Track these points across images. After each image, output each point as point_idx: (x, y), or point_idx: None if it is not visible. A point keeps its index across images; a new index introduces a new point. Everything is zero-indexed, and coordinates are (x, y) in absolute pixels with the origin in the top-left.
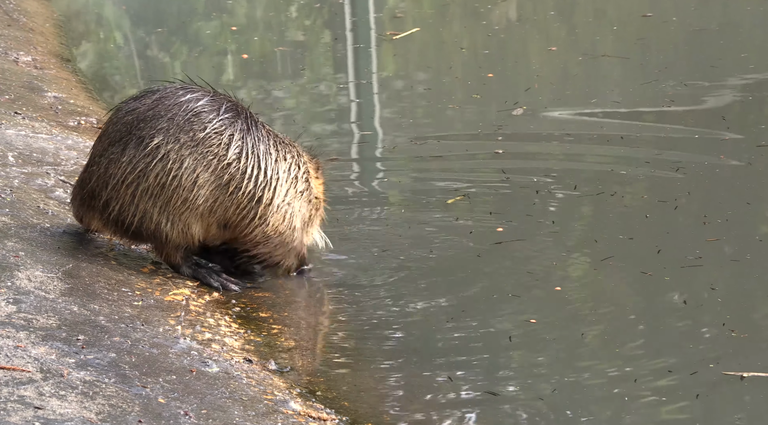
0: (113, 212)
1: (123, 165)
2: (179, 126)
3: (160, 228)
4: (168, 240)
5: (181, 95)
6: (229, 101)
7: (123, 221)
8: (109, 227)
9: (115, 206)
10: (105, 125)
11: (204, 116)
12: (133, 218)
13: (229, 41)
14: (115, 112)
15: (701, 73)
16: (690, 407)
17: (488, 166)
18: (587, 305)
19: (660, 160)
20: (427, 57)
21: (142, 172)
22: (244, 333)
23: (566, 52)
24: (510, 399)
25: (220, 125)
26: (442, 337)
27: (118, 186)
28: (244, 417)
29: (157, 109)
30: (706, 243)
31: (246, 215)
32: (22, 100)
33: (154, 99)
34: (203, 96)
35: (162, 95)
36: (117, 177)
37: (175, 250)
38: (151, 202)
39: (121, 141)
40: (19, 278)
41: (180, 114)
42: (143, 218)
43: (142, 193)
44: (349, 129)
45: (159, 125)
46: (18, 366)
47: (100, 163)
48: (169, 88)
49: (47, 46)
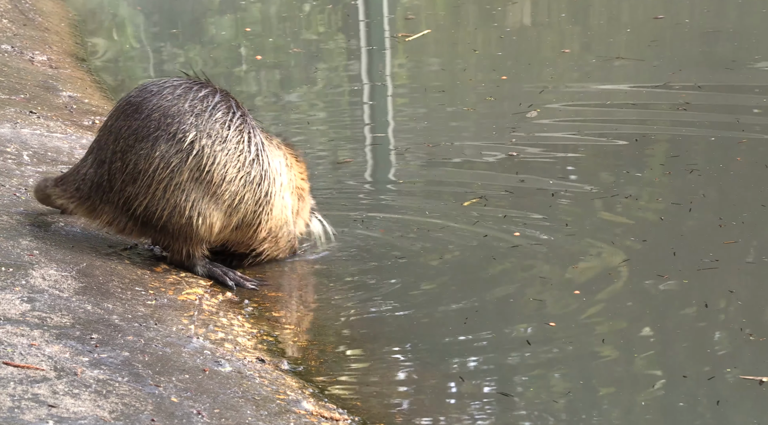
0: (139, 207)
1: (156, 161)
2: (206, 122)
3: (191, 223)
4: (195, 236)
5: (197, 90)
6: (230, 96)
7: (149, 216)
8: (121, 220)
9: (143, 200)
10: (117, 120)
11: (224, 112)
12: (162, 212)
13: (243, 42)
14: (125, 106)
15: (715, 75)
16: (707, 412)
17: (503, 168)
18: (605, 309)
19: (674, 162)
20: (441, 59)
21: (176, 167)
22: (257, 332)
23: (580, 54)
24: (523, 401)
25: (240, 122)
26: (456, 339)
27: (148, 181)
28: (257, 416)
29: (180, 105)
30: (723, 246)
31: (258, 212)
32: (37, 100)
33: (176, 95)
34: (214, 92)
35: (180, 92)
36: (148, 173)
37: (197, 247)
38: (183, 197)
39: (150, 137)
40: (34, 277)
41: (205, 110)
42: (172, 213)
43: (174, 188)
44: (362, 131)
45: (187, 120)
46: (32, 365)
47: (126, 159)
48: (176, 82)
49: (62, 45)
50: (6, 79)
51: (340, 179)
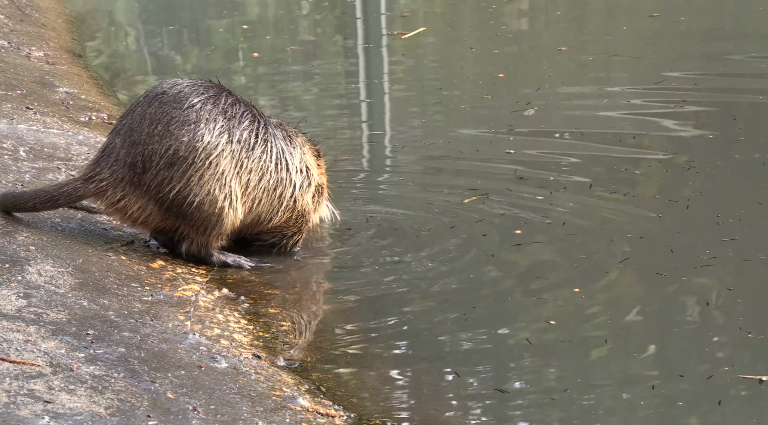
0: (171, 191)
1: (198, 150)
2: (236, 128)
3: (222, 213)
4: (219, 227)
5: (227, 96)
6: (252, 106)
7: (179, 202)
8: (147, 206)
9: (176, 185)
10: (149, 106)
11: (250, 121)
12: (194, 198)
13: (240, 39)
14: (160, 96)
15: (712, 72)
16: (706, 411)
17: (501, 166)
18: (604, 307)
19: (672, 159)
20: (437, 57)
21: (215, 160)
22: (253, 329)
23: (576, 52)
24: (519, 398)
25: (264, 132)
26: (453, 336)
27: (186, 168)
28: (253, 412)
29: (215, 106)
30: (721, 243)
31: (273, 212)
32: (33, 96)
33: (210, 95)
34: (239, 101)
35: (212, 94)
36: (188, 160)
37: (218, 237)
38: (218, 187)
39: (191, 125)
40: (30, 273)
41: (234, 116)
42: (203, 201)
43: (210, 178)
44: (359, 129)
45: (220, 121)
46: (28, 360)
47: (164, 143)
48: (206, 84)
49: (59, 41)
50: (2, 74)
51: (337, 177)
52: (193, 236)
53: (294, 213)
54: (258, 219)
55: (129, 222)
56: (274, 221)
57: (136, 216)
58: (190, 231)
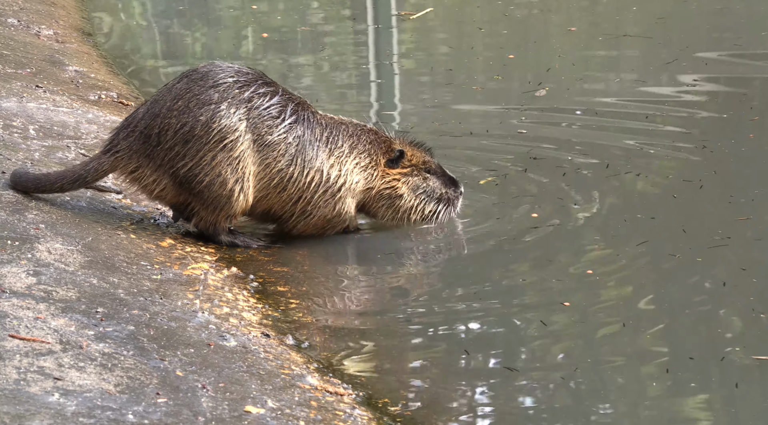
0: (183, 168)
1: (213, 132)
2: (257, 118)
3: (233, 196)
4: (229, 208)
5: (260, 85)
6: (291, 98)
7: (190, 179)
8: (162, 179)
9: (188, 162)
10: (179, 81)
11: (275, 115)
12: (204, 177)
13: (250, 20)
14: (192, 72)
15: (723, 51)
16: (718, 391)
17: (514, 147)
18: (617, 288)
19: (685, 139)
20: (446, 37)
21: (229, 144)
22: (262, 307)
23: (586, 32)
24: (529, 377)
25: (288, 128)
26: (465, 317)
27: (199, 146)
28: (261, 390)
29: (241, 91)
30: (734, 223)
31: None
32: (43, 74)
33: (241, 80)
34: (275, 93)
35: (245, 80)
36: (202, 140)
37: (228, 218)
38: (230, 171)
39: (211, 106)
40: (40, 251)
41: (259, 107)
42: (213, 182)
43: (222, 160)
44: (370, 109)
45: (242, 109)
46: (38, 338)
47: (181, 119)
48: (245, 70)
49: (69, 20)
50: (12, 53)
51: None
52: (202, 214)
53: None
54: (271, 209)
55: (146, 194)
56: (292, 213)
57: (152, 189)
58: (200, 209)
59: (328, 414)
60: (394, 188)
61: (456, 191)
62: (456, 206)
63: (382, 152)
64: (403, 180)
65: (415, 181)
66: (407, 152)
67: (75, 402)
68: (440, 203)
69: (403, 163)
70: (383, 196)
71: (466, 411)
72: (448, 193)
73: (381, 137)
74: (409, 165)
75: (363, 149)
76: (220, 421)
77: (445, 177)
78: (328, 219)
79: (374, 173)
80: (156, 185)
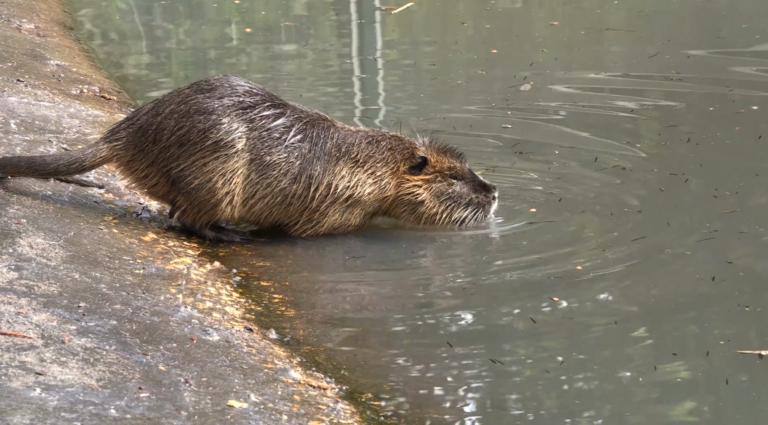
0: (175, 168)
1: (208, 141)
2: (259, 138)
3: (220, 205)
4: (215, 213)
5: (267, 108)
6: (301, 118)
7: (180, 179)
8: (155, 175)
9: (182, 164)
10: (189, 88)
11: (277, 137)
12: (194, 180)
13: (233, 14)
14: (203, 82)
15: (706, 44)
16: (705, 386)
17: (499, 141)
18: (606, 283)
19: (670, 132)
20: (429, 32)
21: (221, 157)
22: (245, 302)
23: (568, 26)
24: (514, 369)
25: (291, 148)
26: (451, 311)
27: (193, 151)
28: (244, 385)
29: (246, 111)
30: (721, 216)
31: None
32: (24, 68)
33: (248, 101)
34: (281, 115)
35: (252, 101)
36: (197, 146)
37: (209, 221)
38: (221, 180)
39: (211, 116)
40: (21, 245)
41: (263, 128)
42: (202, 186)
43: (214, 170)
44: (353, 105)
45: (243, 126)
46: (19, 332)
47: (180, 123)
48: (256, 89)
49: (50, 13)
50: None
51: None
52: (188, 212)
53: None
54: (278, 221)
55: (139, 188)
56: (297, 221)
57: (144, 183)
58: (187, 207)
59: (311, 408)
60: (415, 194)
61: (488, 195)
62: (488, 210)
63: (402, 158)
64: (425, 186)
65: (439, 187)
66: (431, 158)
67: (57, 396)
68: (468, 209)
69: (426, 169)
70: (403, 202)
71: (450, 404)
72: (478, 198)
73: (404, 143)
74: (433, 171)
75: (379, 158)
76: (202, 416)
77: (475, 182)
78: (335, 227)
79: (391, 181)
80: (149, 180)
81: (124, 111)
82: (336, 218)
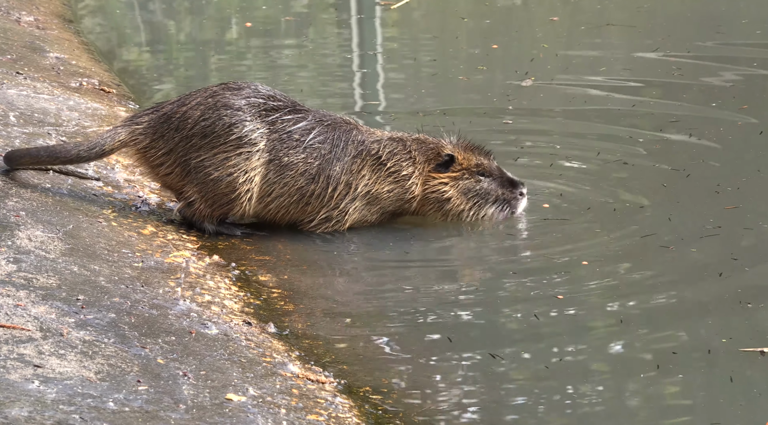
0: (196, 158)
1: (232, 136)
2: (278, 141)
3: (237, 200)
4: (228, 208)
5: (287, 112)
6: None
7: (198, 169)
8: (172, 162)
9: (202, 154)
10: (219, 85)
11: (296, 140)
12: (213, 172)
13: (233, 8)
14: (231, 82)
15: (706, 40)
16: (706, 383)
17: (500, 138)
18: (610, 279)
19: (672, 127)
20: (430, 27)
21: (244, 154)
22: (244, 295)
23: (568, 22)
24: (514, 365)
25: (310, 151)
26: (451, 307)
27: (215, 144)
28: (243, 378)
29: (268, 114)
30: (724, 212)
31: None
32: (23, 61)
33: (270, 105)
34: (302, 118)
35: (274, 105)
36: (220, 139)
37: (220, 215)
38: (241, 175)
39: (237, 111)
40: (20, 238)
41: (283, 130)
42: (221, 179)
43: (233, 166)
44: (353, 100)
45: (264, 127)
46: (18, 325)
47: (206, 115)
48: (279, 95)
49: (49, 6)
50: None
51: None
52: (198, 205)
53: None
54: (295, 219)
55: (151, 174)
56: (311, 219)
57: (158, 170)
58: (198, 199)
59: (309, 401)
60: (441, 191)
61: (514, 191)
62: (516, 206)
63: (427, 158)
64: (452, 184)
65: (466, 184)
66: (458, 156)
67: (55, 389)
68: (495, 205)
69: (453, 167)
70: (430, 200)
71: (448, 399)
72: (505, 194)
73: (428, 143)
74: (460, 169)
75: (404, 157)
76: (201, 409)
77: (503, 179)
78: (352, 224)
79: (416, 180)
80: (163, 168)
81: (124, 104)
82: (355, 216)
